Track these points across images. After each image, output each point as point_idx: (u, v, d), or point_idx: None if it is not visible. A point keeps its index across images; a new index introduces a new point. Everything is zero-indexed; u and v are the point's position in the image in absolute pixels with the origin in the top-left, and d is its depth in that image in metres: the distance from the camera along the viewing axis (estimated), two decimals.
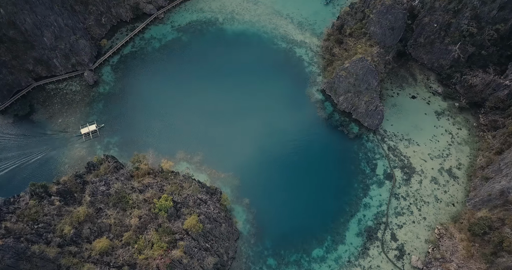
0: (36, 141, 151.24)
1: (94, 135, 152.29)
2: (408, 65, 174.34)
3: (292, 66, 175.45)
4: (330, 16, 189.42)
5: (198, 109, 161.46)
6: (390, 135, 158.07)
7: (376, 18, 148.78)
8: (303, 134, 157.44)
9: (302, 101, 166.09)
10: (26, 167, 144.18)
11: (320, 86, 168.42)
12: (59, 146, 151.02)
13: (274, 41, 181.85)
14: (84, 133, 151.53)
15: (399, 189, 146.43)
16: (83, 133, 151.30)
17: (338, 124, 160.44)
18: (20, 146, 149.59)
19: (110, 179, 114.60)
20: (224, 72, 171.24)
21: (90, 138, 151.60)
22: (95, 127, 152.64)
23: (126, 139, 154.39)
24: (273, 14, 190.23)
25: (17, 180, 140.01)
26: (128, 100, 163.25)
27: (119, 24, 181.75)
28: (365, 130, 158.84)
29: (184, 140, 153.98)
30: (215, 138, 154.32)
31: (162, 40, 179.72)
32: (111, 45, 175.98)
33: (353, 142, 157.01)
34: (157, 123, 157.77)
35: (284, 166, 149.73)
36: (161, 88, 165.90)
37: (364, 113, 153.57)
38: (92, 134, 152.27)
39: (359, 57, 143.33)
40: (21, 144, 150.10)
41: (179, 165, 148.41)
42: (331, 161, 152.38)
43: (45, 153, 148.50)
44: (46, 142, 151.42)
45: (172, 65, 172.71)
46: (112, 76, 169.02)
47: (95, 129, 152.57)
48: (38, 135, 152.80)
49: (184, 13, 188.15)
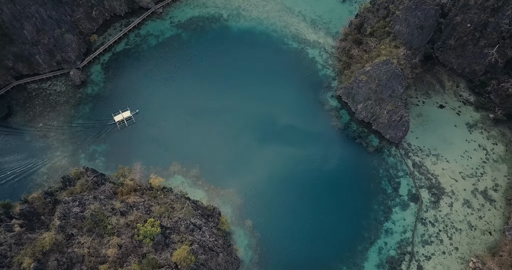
0: (13, 148, 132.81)
1: (129, 122, 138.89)
2: (434, 70, 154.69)
3: (304, 68, 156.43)
4: (347, 14, 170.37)
5: (197, 116, 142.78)
6: (415, 149, 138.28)
7: (403, 15, 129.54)
8: (315, 146, 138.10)
9: (315, 108, 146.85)
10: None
11: (336, 92, 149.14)
12: (38, 154, 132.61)
13: (284, 41, 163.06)
14: (118, 120, 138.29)
15: (426, 213, 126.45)
16: (116, 121, 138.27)
17: (355, 136, 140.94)
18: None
19: (87, 198, 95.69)
20: (228, 74, 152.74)
21: (125, 126, 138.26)
22: (129, 113, 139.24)
23: (115, 147, 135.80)
24: (283, 11, 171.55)
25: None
26: (119, 103, 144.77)
27: (113, 19, 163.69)
28: (386, 143, 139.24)
29: (180, 150, 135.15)
30: (215, 149, 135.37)
31: (159, 37, 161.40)
32: (103, 41, 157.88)
33: (373, 156, 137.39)
34: (150, 131, 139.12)
35: (293, 183, 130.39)
36: (157, 90, 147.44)
37: (386, 124, 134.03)
38: (127, 121, 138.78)
39: (383, 59, 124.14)
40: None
41: (173, 179, 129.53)
42: (347, 178, 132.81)
43: (21, 162, 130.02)
44: (24, 149, 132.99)
45: (170, 65, 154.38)
46: (102, 76, 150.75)
47: (130, 115, 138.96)
48: (15, 141, 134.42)
49: (185, 8, 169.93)
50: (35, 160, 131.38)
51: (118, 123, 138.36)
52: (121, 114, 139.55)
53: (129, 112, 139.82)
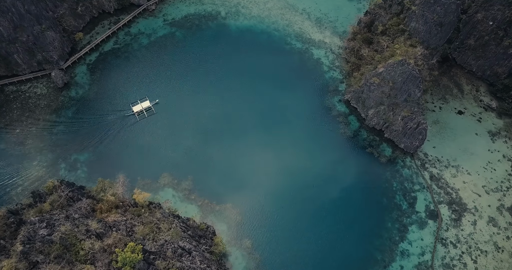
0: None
1: (149, 113, 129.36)
2: (451, 72, 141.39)
3: (309, 70, 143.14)
4: (355, 11, 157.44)
5: (190, 122, 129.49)
6: (433, 160, 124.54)
7: (420, 11, 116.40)
8: (322, 156, 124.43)
9: (321, 114, 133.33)
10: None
11: (343, 96, 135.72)
12: (13, 164, 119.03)
13: (287, 41, 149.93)
14: (137, 111, 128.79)
15: (446, 232, 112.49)
16: (135, 111, 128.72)
17: (366, 145, 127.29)
18: None
19: (57, 218, 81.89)
20: (225, 77, 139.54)
21: (145, 117, 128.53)
22: (148, 103, 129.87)
23: (100, 156, 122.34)
24: (286, 9, 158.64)
25: None
26: (105, 108, 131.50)
27: (101, 16, 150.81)
28: (400, 153, 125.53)
29: (171, 160, 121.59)
30: (210, 159, 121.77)
31: (151, 36, 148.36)
32: (89, 40, 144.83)
33: (385, 168, 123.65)
34: (139, 138, 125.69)
35: (298, 198, 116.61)
36: (148, 94, 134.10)
37: (401, 132, 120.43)
38: (147, 112, 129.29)
39: (399, 59, 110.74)
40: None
41: (163, 193, 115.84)
42: (358, 192, 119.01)
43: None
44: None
45: (163, 66, 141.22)
46: (88, 78, 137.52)
47: (149, 106, 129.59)
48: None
49: (179, 5, 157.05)
50: (9, 170, 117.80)
51: (137, 113, 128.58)
52: (140, 104, 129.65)
53: (149, 102, 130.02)
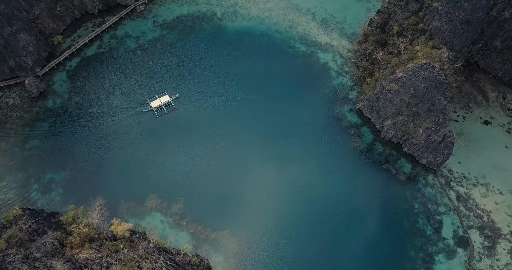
0: None
1: (169, 109, 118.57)
2: (474, 77, 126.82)
3: (315, 76, 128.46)
4: (364, 11, 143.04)
5: (181, 135, 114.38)
6: (458, 177, 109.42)
7: (444, 8, 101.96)
8: (332, 174, 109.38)
9: (330, 125, 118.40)
10: None
11: (355, 105, 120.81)
12: None
13: (290, 43, 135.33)
14: (155, 106, 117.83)
15: (479, 262, 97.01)
16: (153, 107, 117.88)
17: (381, 160, 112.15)
18: None
19: (12, 260, 66.01)
20: (222, 83, 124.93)
21: (164, 113, 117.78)
22: (168, 98, 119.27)
23: (78, 175, 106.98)
24: (288, 9, 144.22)
25: None
26: (87, 120, 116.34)
27: (84, 17, 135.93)
28: (421, 169, 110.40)
29: (160, 180, 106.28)
30: (204, 179, 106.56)
31: (139, 39, 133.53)
32: (70, 44, 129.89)
33: (405, 186, 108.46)
34: (123, 154, 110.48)
35: (306, 223, 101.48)
36: (134, 103, 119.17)
37: (423, 146, 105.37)
38: (166, 107, 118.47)
39: (422, 62, 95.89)
40: None
41: (150, 218, 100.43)
42: (374, 215, 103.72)
43: None
44: None
45: (152, 72, 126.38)
46: (67, 86, 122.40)
47: (169, 100, 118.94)
48: None
49: (171, 5, 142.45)
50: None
51: (156, 109, 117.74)
52: (158, 99, 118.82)
53: (168, 97, 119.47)
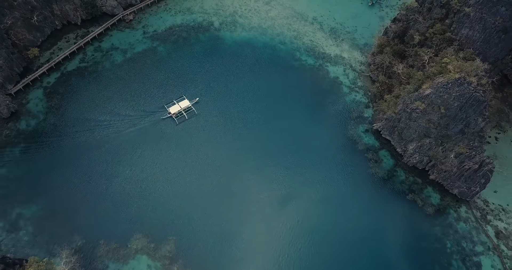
0: None
1: (190, 114, 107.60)
2: (504, 92, 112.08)
3: (324, 92, 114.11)
4: (377, 20, 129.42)
5: (172, 162, 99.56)
6: (496, 209, 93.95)
7: (477, 14, 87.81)
8: (347, 206, 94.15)
9: (343, 149, 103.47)
10: None
11: (372, 125, 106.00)
12: None
13: (296, 56, 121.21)
14: (175, 112, 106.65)
15: None
16: (172, 113, 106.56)
17: (405, 189, 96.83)
18: None
19: None
20: (218, 100, 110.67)
21: (185, 119, 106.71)
22: (188, 103, 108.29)
23: (52, 209, 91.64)
24: (293, 18, 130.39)
25: None
26: (65, 144, 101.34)
27: (66, 28, 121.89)
28: (451, 200, 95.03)
29: (147, 215, 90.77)
30: (199, 214, 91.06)
31: (127, 52, 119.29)
32: (50, 57, 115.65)
33: (434, 221, 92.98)
34: (106, 184, 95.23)
35: (319, 266, 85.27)
36: (119, 125, 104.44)
37: (454, 174, 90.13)
38: (187, 113, 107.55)
39: (455, 77, 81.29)
40: None
41: (135, 262, 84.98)
42: (398, 257, 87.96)
43: None
44: None
45: (140, 89, 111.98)
46: (44, 105, 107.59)
47: (189, 105, 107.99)
48: None
49: (163, 14, 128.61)
50: None
51: (175, 115, 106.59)
52: (177, 105, 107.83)
53: (188, 101, 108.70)
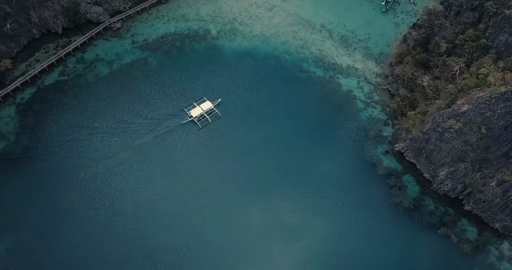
0: None
1: (213, 117, 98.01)
2: None
3: (337, 108, 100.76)
4: (392, 27, 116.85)
5: (166, 190, 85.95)
6: None
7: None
8: (367, 241, 79.52)
9: (361, 173, 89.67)
10: None
11: (393, 146, 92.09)
12: None
13: (303, 67, 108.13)
14: (196, 116, 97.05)
15: None
16: (194, 116, 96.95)
17: (435, 222, 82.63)
18: None
19: None
20: (216, 120, 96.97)
21: (208, 123, 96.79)
22: (210, 104, 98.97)
23: (24, 247, 77.93)
24: (299, 25, 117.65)
25: None
26: (39, 170, 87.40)
27: (45, 38, 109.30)
28: (491, 235, 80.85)
29: (138, 252, 76.34)
30: (192, 254, 76.46)
31: (114, 63, 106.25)
32: (25, 70, 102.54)
33: (472, 261, 78.68)
34: (84, 215, 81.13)
35: None
36: (104, 147, 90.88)
37: (497, 205, 76.06)
38: (210, 116, 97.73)
39: (501, 91, 67.76)
40: None
41: None
42: None
43: None
44: None
45: (128, 105, 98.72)
46: (16, 124, 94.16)
47: (211, 107, 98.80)
48: None
49: (155, 22, 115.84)
50: None
51: (197, 119, 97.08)
52: (198, 107, 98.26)
53: (210, 103, 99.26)
